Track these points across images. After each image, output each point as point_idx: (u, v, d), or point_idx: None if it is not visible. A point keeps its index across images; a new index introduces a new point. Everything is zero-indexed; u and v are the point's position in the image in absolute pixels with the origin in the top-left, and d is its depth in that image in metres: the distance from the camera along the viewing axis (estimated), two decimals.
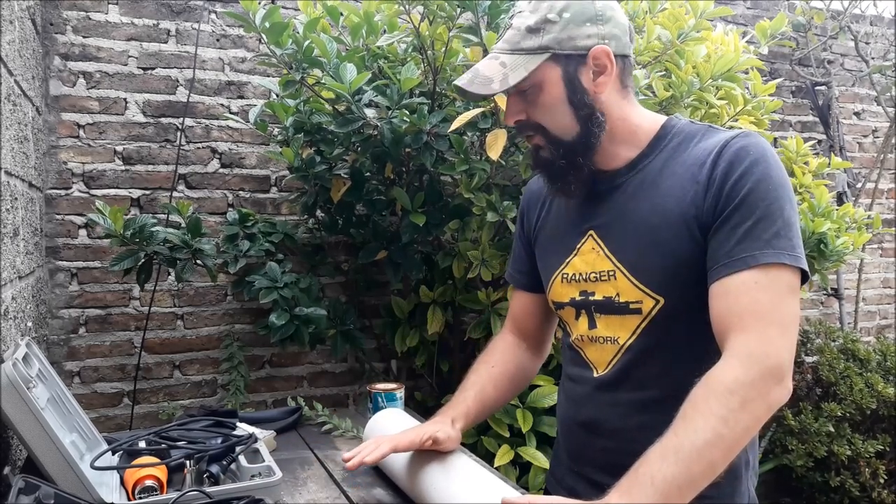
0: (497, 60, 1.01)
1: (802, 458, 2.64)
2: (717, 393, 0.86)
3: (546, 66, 0.99)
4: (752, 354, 0.87)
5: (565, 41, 0.99)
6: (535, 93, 1.01)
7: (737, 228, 0.92)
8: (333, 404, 2.34)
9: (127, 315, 2.13)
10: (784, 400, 0.89)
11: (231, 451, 1.22)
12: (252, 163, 2.25)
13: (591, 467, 1.10)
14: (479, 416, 1.21)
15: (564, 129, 1.03)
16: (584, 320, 1.09)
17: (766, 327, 0.88)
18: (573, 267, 1.10)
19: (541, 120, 1.03)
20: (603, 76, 1.01)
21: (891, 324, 3.39)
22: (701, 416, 0.85)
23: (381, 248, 2.06)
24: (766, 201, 0.92)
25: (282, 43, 1.74)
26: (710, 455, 0.84)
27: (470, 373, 1.26)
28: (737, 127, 1.94)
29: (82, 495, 1.04)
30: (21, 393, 1.02)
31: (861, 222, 2.27)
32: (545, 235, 1.19)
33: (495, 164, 1.84)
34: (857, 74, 3.26)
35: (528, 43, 0.99)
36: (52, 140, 2.03)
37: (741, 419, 0.85)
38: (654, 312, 1.00)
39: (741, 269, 0.90)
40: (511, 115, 1.05)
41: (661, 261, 0.99)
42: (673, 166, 1.01)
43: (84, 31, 2.05)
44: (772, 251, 0.90)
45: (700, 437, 0.84)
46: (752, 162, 0.93)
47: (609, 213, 1.06)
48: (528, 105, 1.03)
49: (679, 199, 0.98)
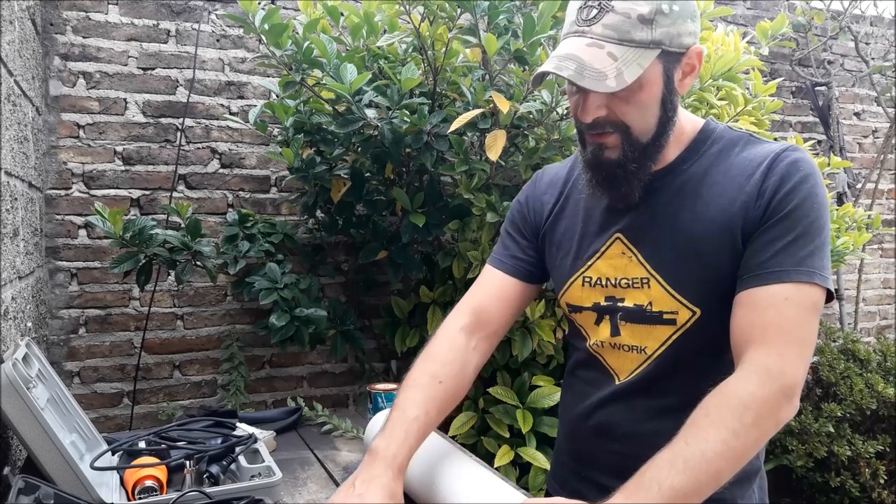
0: (603, 50, 0.90)
1: (802, 459, 2.63)
2: (731, 406, 0.85)
3: (654, 62, 0.92)
4: (770, 370, 0.87)
5: (675, 37, 0.92)
6: (632, 90, 0.92)
7: (775, 241, 0.91)
8: (333, 404, 2.34)
9: (127, 315, 2.13)
10: (791, 417, 0.89)
11: (231, 452, 1.22)
12: (252, 163, 2.25)
13: (598, 471, 1.08)
14: (411, 455, 1.01)
15: (647, 130, 0.96)
16: (605, 326, 1.05)
17: (788, 344, 0.88)
18: (597, 270, 1.05)
19: (627, 118, 0.95)
20: (689, 77, 0.97)
21: (891, 324, 3.39)
22: (713, 427, 0.84)
23: (381, 249, 2.06)
24: (808, 219, 0.91)
25: (281, 44, 1.74)
26: (718, 466, 0.83)
27: (414, 377, 1.07)
28: (736, 127, 1.94)
29: (82, 495, 1.04)
30: (21, 393, 1.02)
31: (861, 222, 2.27)
32: (558, 233, 1.13)
33: (495, 165, 1.85)
34: (858, 75, 3.26)
35: (641, 35, 0.90)
36: (51, 140, 2.03)
37: (752, 434, 0.85)
38: (689, 324, 0.97)
39: (772, 283, 0.90)
40: (592, 111, 0.95)
41: (702, 272, 0.96)
42: (715, 174, 0.98)
43: (84, 32, 2.05)
44: (805, 269, 0.89)
45: (710, 448, 0.83)
46: (802, 178, 0.92)
47: (641, 217, 1.02)
48: (615, 101, 0.94)
49: (724, 209, 0.95)
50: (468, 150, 1.90)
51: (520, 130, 1.90)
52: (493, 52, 1.68)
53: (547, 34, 1.69)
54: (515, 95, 1.82)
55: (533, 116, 1.82)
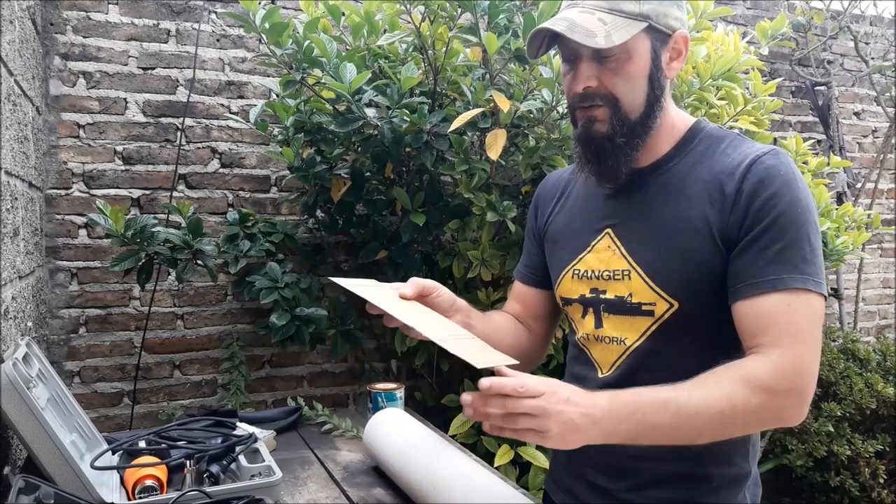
0: (594, 16, 0.95)
1: (802, 458, 2.64)
2: (742, 384, 0.88)
3: (640, 35, 0.96)
4: (786, 369, 0.89)
5: (661, 16, 0.98)
6: (620, 61, 0.97)
7: (767, 250, 0.92)
8: (333, 404, 2.34)
9: (127, 315, 2.13)
10: (794, 423, 0.92)
11: (231, 451, 1.22)
12: (252, 163, 2.25)
13: (590, 468, 1.09)
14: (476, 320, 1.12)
15: (635, 106, 0.99)
16: (590, 319, 1.08)
17: (801, 349, 0.90)
18: (586, 264, 1.09)
19: (616, 90, 0.98)
20: (676, 62, 1.01)
21: (890, 324, 3.39)
22: (717, 394, 0.87)
23: (381, 248, 2.06)
24: (795, 224, 0.93)
25: (282, 43, 1.74)
26: (702, 429, 0.88)
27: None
28: (737, 127, 1.95)
29: (82, 495, 1.04)
30: (21, 393, 1.02)
31: (860, 222, 2.27)
32: (557, 230, 1.17)
33: (495, 164, 1.85)
34: (857, 74, 3.26)
35: (629, 6, 0.96)
36: (52, 140, 2.03)
37: (748, 419, 0.89)
38: (667, 316, 0.99)
39: (770, 291, 0.91)
40: (583, 79, 0.99)
41: (683, 266, 0.98)
42: (699, 172, 1.01)
43: (84, 31, 2.05)
44: (800, 276, 0.91)
45: (703, 410, 0.86)
46: (783, 183, 0.94)
47: (628, 213, 1.05)
48: (605, 72, 0.98)
49: (705, 207, 0.97)
50: (468, 150, 1.90)
51: (520, 129, 1.90)
52: (494, 51, 1.68)
53: None
54: (516, 94, 1.82)
55: (533, 115, 1.82)
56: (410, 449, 1.21)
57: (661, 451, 0.96)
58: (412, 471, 1.16)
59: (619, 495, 1.05)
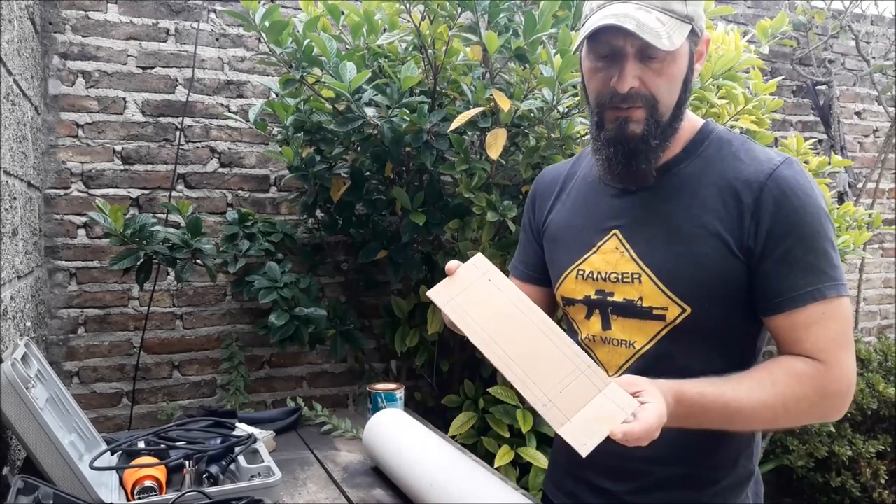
0: (652, 14, 0.92)
1: (803, 459, 2.63)
2: (796, 386, 0.92)
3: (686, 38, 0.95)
4: (831, 373, 0.93)
5: (699, 18, 0.97)
6: (666, 62, 0.95)
7: (799, 261, 0.94)
8: (333, 404, 2.34)
9: (126, 315, 2.12)
10: (836, 419, 0.99)
11: (230, 452, 1.21)
12: (251, 162, 2.25)
13: (592, 471, 1.08)
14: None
15: (669, 108, 0.98)
16: (596, 320, 1.06)
17: (841, 354, 0.94)
18: (591, 264, 1.07)
19: (657, 92, 0.96)
20: (698, 63, 1.01)
21: (892, 324, 3.39)
22: (773, 396, 0.91)
23: (381, 248, 2.06)
24: (821, 234, 0.95)
25: (281, 42, 1.74)
26: (753, 426, 0.96)
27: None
28: (737, 126, 1.94)
29: (81, 495, 1.03)
30: (20, 393, 1.02)
31: (862, 221, 2.27)
32: (557, 227, 1.15)
33: (495, 164, 1.84)
34: (858, 74, 3.25)
35: (678, 7, 0.94)
36: (51, 139, 2.03)
37: (799, 419, 0.97)
38: (679, 321, 0.98)
39: (809, 303, 0.93)
40: (629, 80, 0.95)
41: (696, 271, 0.97)
42: (711, 176, 1.00)
43: (83, 31, 2.05)
44: (832, 283, 0.94)
45: (759, 414, 0.91)
46: (804, 194, 0.95)
47: (637, 214, 1.03)
48: (648, 73, 0.95)
49: (719, 213, 0.97)
50: (468, 149, 1.90)
51: (520, 129, 1.90)
52: (494, 50, 1.67)
53: (547, 32, 1.68)
54: (516, 94, 1.81)
55: (534, 115, 1.81)
56: (410, 450, 1.20)
57: (668, 453, 0.96)
58: (412, 472, 1.15)
59: (624, 498, 1.04)
